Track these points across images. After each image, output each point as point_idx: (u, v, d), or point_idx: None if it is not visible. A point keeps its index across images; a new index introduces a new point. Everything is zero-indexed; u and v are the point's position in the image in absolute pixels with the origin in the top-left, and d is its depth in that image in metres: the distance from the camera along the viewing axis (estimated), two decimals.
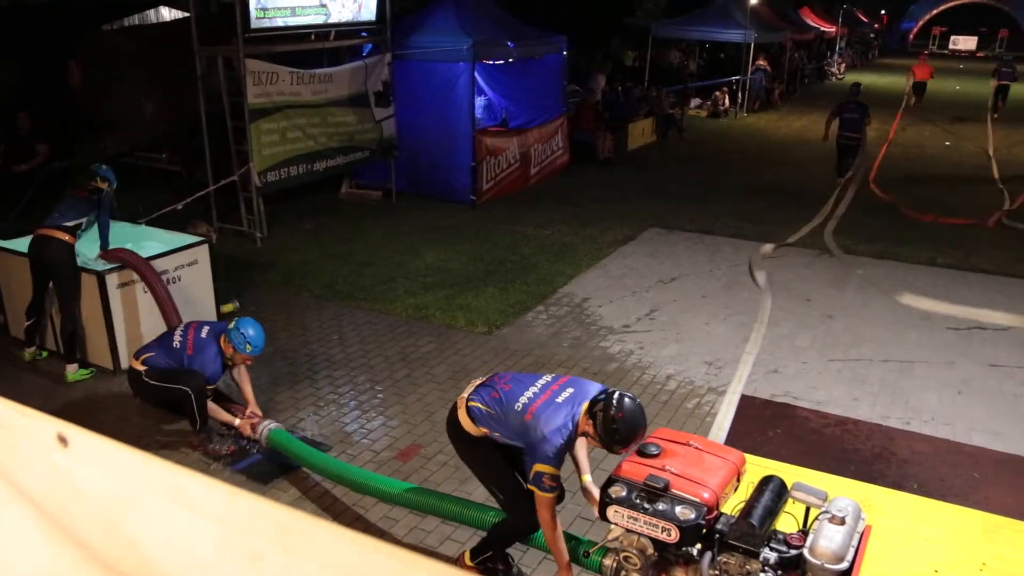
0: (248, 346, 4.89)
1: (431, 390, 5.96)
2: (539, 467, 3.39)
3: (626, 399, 3.36)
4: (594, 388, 3.55)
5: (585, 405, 3.43)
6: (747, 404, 5.86)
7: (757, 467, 4.13)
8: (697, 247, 9.56)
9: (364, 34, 10.61)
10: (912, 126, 20.29)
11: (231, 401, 5.31)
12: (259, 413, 5.13)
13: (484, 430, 3.64)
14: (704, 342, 6.91)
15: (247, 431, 4.98)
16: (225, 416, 5.02)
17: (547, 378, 3.66)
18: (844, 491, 4.12)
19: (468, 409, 3.66)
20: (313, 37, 9.76)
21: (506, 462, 3.73)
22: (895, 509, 4.65)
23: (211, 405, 4.97)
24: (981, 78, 33.65)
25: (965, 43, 55.88)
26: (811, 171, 14.46)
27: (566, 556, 3.59)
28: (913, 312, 7.73)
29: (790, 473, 4.22)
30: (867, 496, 4.66)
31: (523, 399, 3.52)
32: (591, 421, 3.37)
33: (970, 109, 24.19)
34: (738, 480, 3.38)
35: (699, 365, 6.46)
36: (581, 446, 3.85)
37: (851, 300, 7.99)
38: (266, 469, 4.93)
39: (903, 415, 5.80)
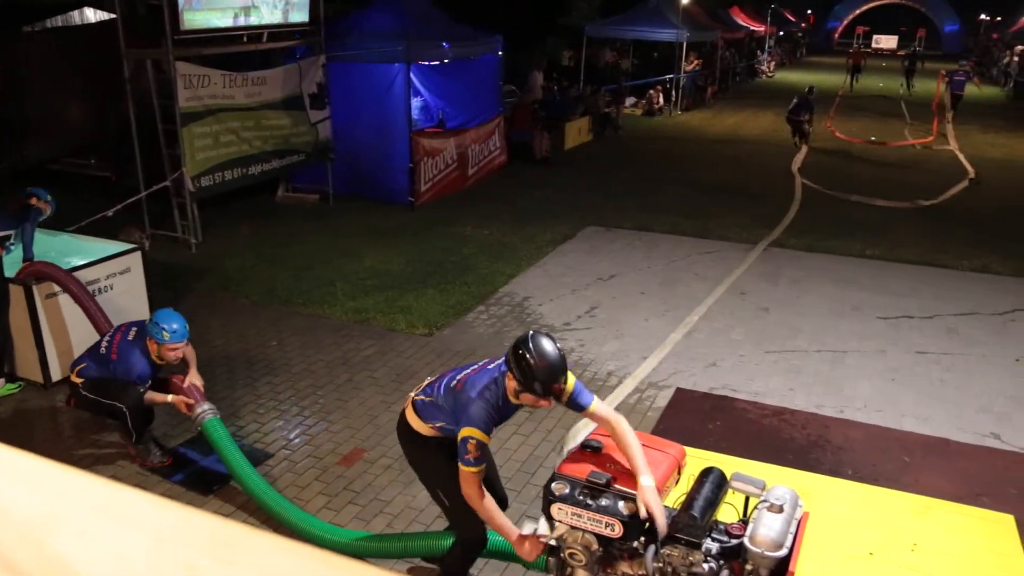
0: (164, 333, 4.63)
1: (373, 394, 5.92)
2: (465, 431, 3.24)
3: (538, 336, 3.22)
4: None
5: (508, 351, 3.32)
6: (687, 397, 5.95)
7: (698, 459, 4.20)
8: (634, 244, 9.68)
9: (297, 36, 10.47)
10: (840, 124, 20.83)
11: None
12: (198, 384, 4.89)
13: (433, 429, 3.52)
14: (644, 337, 6.99)
15: (182, 408, 4.78)
16: (159, 397, 4.81)
17: (486, 360, 3.60)
18: (782, 480, 4.22)
19: (414, 404, 3.58)
20: (245, 39, 9.60)
21: (454, 465, 3.59)
22: (831, 495, 4.77)
23: (148, 395, 4.79)
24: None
25: (887, 42, 57.67)
26: (745, 166, 14.76)
27: (513, 529, 3.43)
28: (845, 303, 7.95)
29: (730, 464, 4.30)
30: (804, 484, 4.78)
31: (459, 375, 3.45)
32: (510, 372, 3.26)
33: (893, 104, 24.97)
34: (679, 473, 3.43)
35: (639, 360, 6.54)
36: (629, 445, 3.26)
37: (784, 293, 8.18)
38: (207, 478, 4.83)
39: (837, 403, 5.96)
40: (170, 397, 4.80)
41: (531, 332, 3.26)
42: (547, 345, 3.22)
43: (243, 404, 5.71)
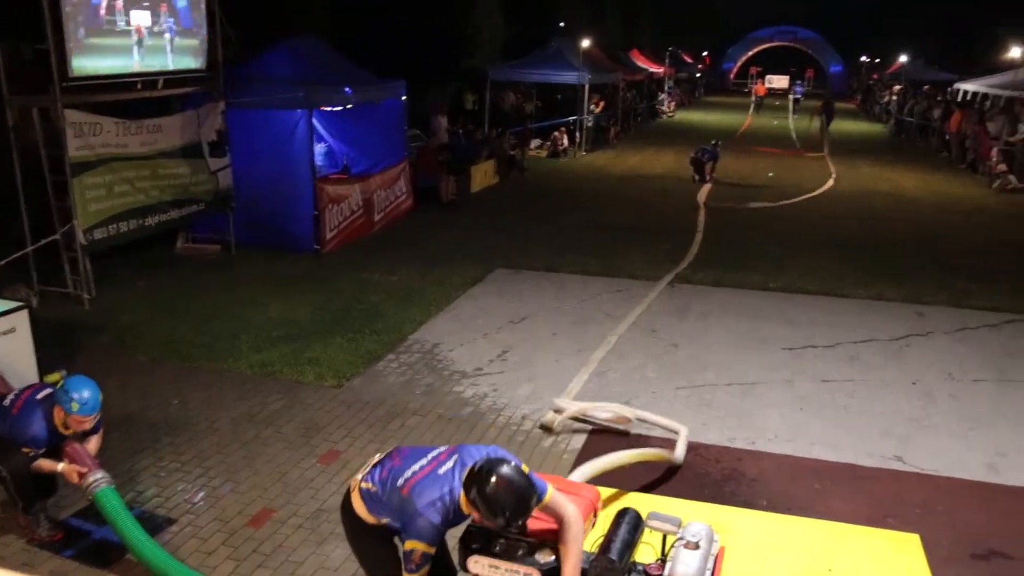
0: (73, 403, 4.32)
1: (281, 450, 5.74)
2: (409, 543, 3.12)
3: (500, 468, 3.05)
4: (478, 455, 3.25)
5: (465, 478, 3.16)
6: (601, 438, 5.98)
7: (614, 500, 4.22)
8: (544, 285, 9.76)
9: (195, 82, 10.27)
10: (738, 160, 21.63)
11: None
12: (92, 448, 4.57)
13: (378, 521, 3.33)
14: (557, 379, 7.03)
15: (73, 478, 4.42)
16: (48, 465, 4.47)
17: (439, 449, 3.39)
18: (698, 515, 4.27)
19: (360, 492, 3.37)
20: (140, 86, 9.36)
21: (398, 558, 3.38)
22: (747, 527, 4.86)
23: (36, 463, 4.46)
24: (801, 116, 36.44)
25: (779, 81, 60.40)
26: (649, 204, 15.14)
27: None
28: (751, 335, 8.18)
29: (646, 503, 4.34)
30: (720, 518, 4.85)
31: (407, 474, 3.25)
32: (472, 503, 3.07)
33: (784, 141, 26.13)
34: (595, 516, 3.43)
35: (553, 402, 6.55)
36: (568, 551, 3.15)
37: (693, 328, 8.36)
38: (102, 551, 4.56)
39: (749, 436, 6.10)
40: (60, 466, 4.47)
41: (492, 467, 3.06)
42: (510, 479, 3.02)
43: (143, 468, 5.45)
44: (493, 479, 3.01)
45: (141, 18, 9.17)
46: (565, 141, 21.96)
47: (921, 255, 11.93)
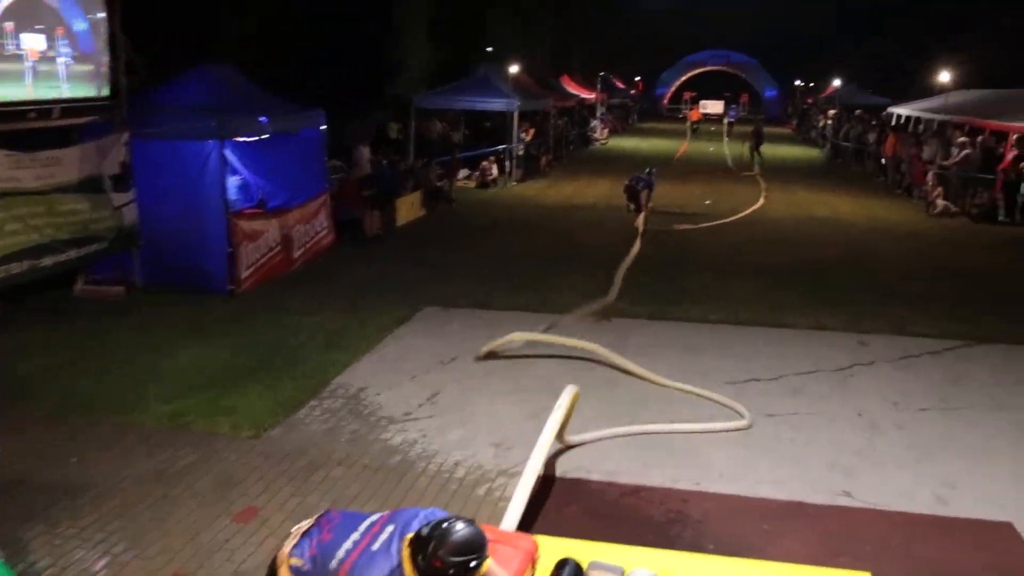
0: None
1: (193, 508, 5.55)
2: None
3: (453, 529, 3.00)
4: (415, 520, 3.16)
5: (406, 550, 3.06)
6: (539, 483, 5.94)
7: (553, 549, 4.17)
8: (474, 323, 9.73)
9: (95, 111, 10.02)
10: (676, 187, 22.08)
11: None
12: None
13: None
14: (490, 423, 6.98)
15: None
16: None
17: (372, 519, 3.29)
18: (642, 562, 4.26)
19: (291, 570, 3.24)
20: (33, 115, 9.08)
21: None
22: (694, 573, 4.85)
23: None
24: (733, 140, 37.45)
25: (713, 107, 61.99)
26: (583, 234, 15.30)
27: None
28: (691, 369, 8.27)
29: (587, 551, 4.30)
30: (665, 563, 4.83)
31: (340, 553, 3.14)
32: (421, 573, 2.99)
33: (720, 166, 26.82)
34: (533, 567, 3.39)
35: (487, 448, 6.50)
36: None
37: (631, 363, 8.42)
38: None
39: (693, 476, 6.13)
40: None
41: (444, 530, 3.00)
42: (457, 541, 2.98)
43: (35, 536, 5.20)
44: (441, 544, 2.96)
45: (34, 42, 8.94)
46: (495, 171, 22.10)
47: (860, 281, 12.30)
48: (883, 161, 25.23)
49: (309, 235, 12.67)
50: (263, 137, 11.55)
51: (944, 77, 23.50)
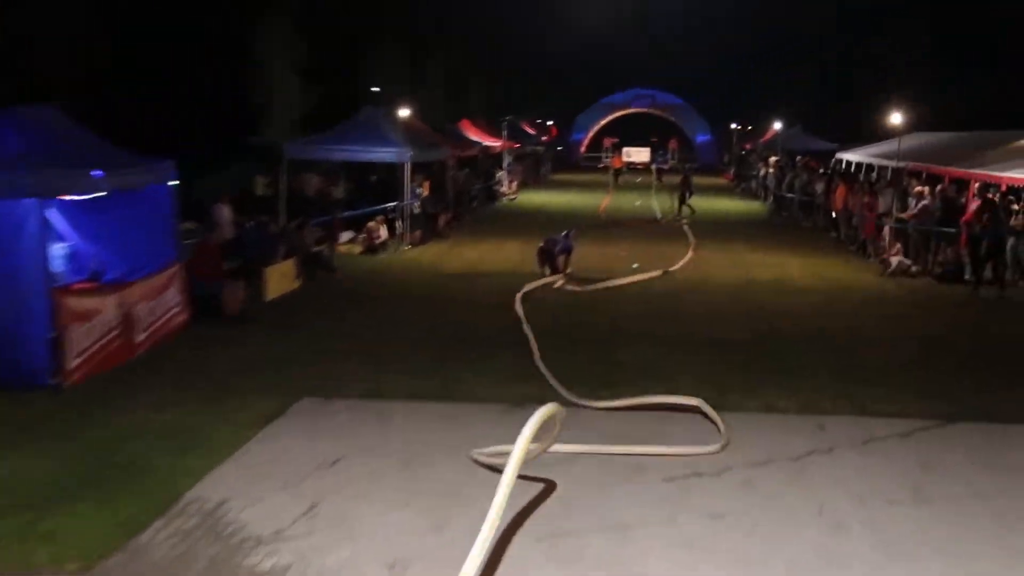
0: None
1: None
2: None
3: None
4: None
5: None
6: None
7: None
8: (363, 417, 9.59)
9: None
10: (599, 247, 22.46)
11: None
12: None
13: None
14: (383, 539, 6.82)
15: None
16: None
17: None
18: None
19: None
20: None
21: None
22: None
23: None
24: (663, 192, 38.45)
25: (638, 155, 63.82)
26: (491, 307, 15.34)
27: None
28: (623, 464, 8.28)
29: None
30: None
31: None
32: None
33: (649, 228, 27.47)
34: None
35: (379, 570, 6.34)
36: None
37: (552, 460, 8.37)
38: None
39: None
40: None
41: None
42: None
43: None
44: None
45: None
46: (384, 233, 22.11)
47: (814, 354, 12.64)
48: (834, 215, 26.27)
49: (156, 314, 12.38)
50: (97, 195, 11.29)
51: (896, 119, 24.66)
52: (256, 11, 27.17)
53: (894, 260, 19.76)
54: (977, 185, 20.86)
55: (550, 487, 7.82)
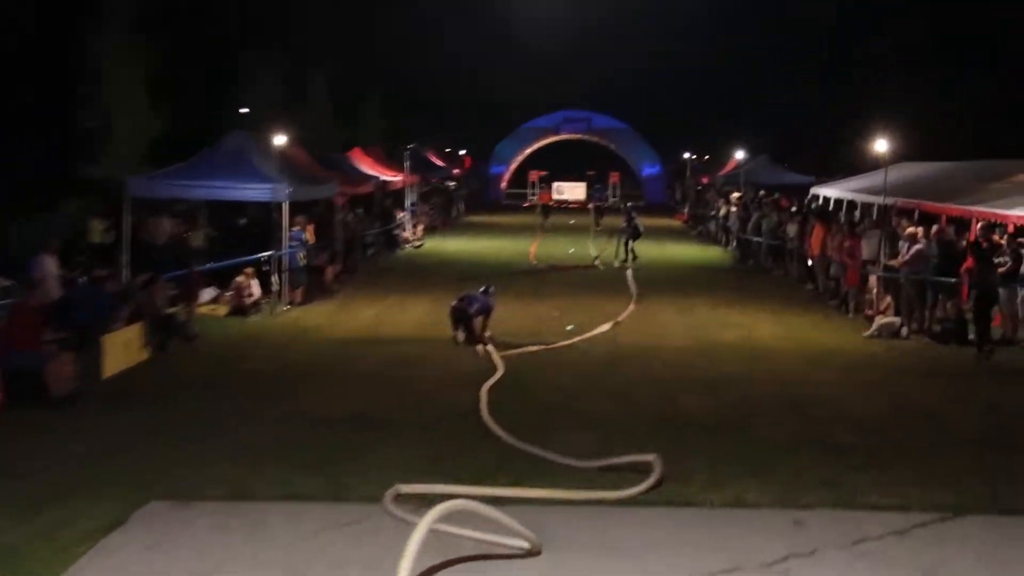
0: None
1: None
2: None
3: None
4: None
5: None
6: None
7: None
8: (230, 524, 9.40)
9: None
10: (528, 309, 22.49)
11: None
12: None
13: None
14: None
15: None
16: None
17: None
18: None
19: None
20: None
21: None
22: None
23: None
24: (603, 236, 38.76)
25: (572, 191, 64.36)
26: (394, 381, 15.23)
27: None
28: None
29: None
30: None
31: None
32: None
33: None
34: None
35: None
36: None
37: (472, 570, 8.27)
38: None
39: None
40: None
41: None
42: None
43: None
44: None
45: None
46: (256, 289, 21.86)
47: (790, 433, 12.71)
48: (809, 262, 26.60)
49: None
50: None
51: (880, 147, 24.98)
52: (89, 9, 26.64)
53: (878, 320, 20.00)
54: (980, 225, 21.32)
55: None
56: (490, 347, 17.56)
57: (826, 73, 58.52)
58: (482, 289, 19.20)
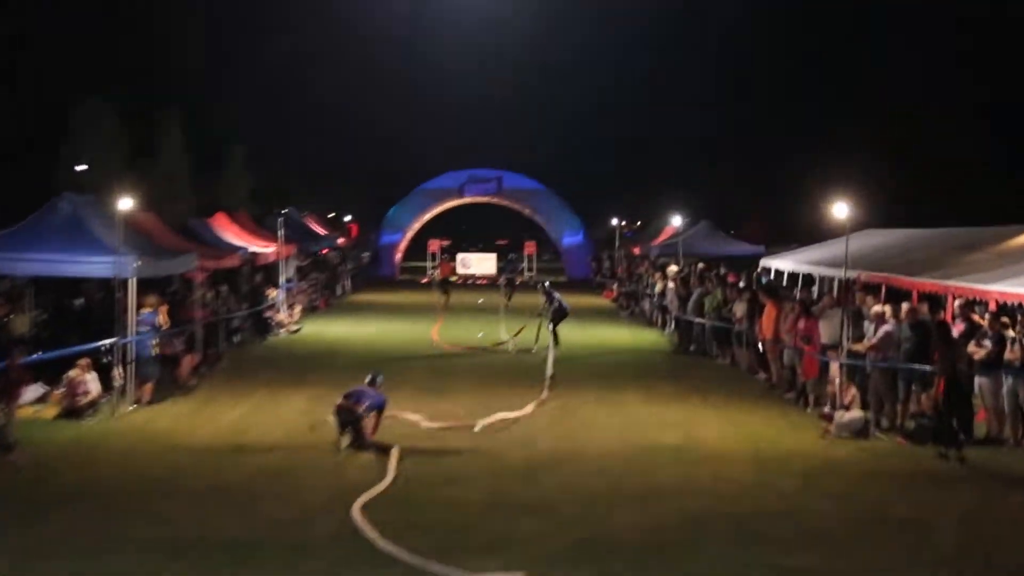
0: None
1: None
2: None
3: None
4: None
5: None
6: None
7: None
8: None
9: None
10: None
11: None
12: None
13: None
14: None
15: None
16: None
17: None
18: None
19: None
20: None
21: None
22: None
23: None
24: (518, 316, 38.76)
25: (480, 264, 64.48)
26: (266, 499, 14.94)
27: None
28: None
29: None
30: None
31: None
32: None
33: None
34: None
35: None
36: None
37: None
38: None
39: None
40: None
41: None
42: None
43: None
44: None
45: None
46: (93, 386, 21.43)
47: (740, 555, 12.66)
48: (760, 347, 26.68)
49: None
50: None
51: (840, 212, 24.94)
52: None
53: (839, 416, 19.97)
54: (958, 302, 21.54)
55: None
56: (393, 451, 17.36)
57: (774, 127, 59.86)
58: (368, 379, 18.97)
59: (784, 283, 32.65)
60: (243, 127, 53.74)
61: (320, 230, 55.43)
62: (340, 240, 59.81)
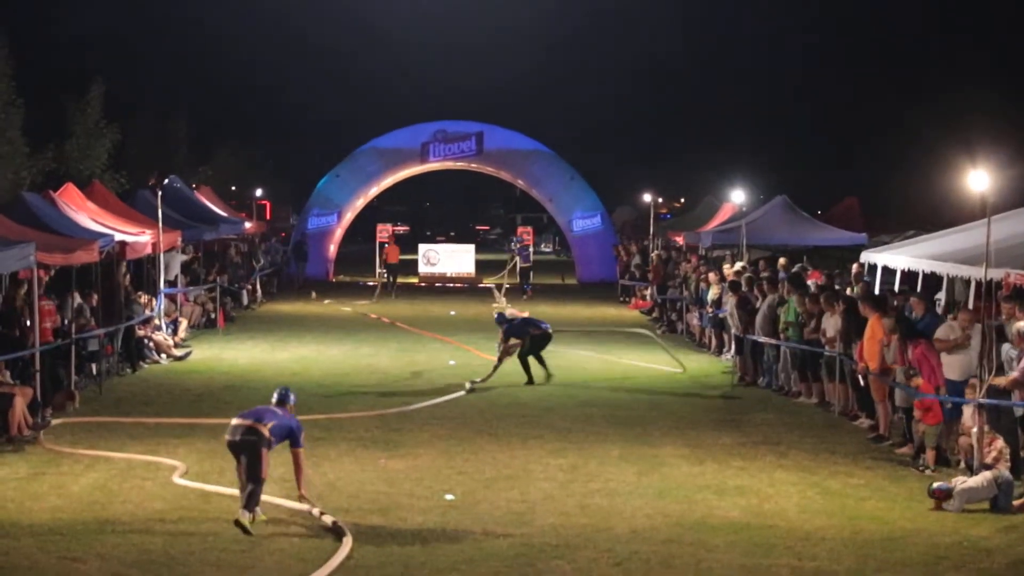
0: None
1: None
2: None
3: None
4: None
5: None
6: None
7: None
8: None
9: None
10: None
11: None
12: None
13: None
14: None
15: None
16: None
17: None
18: None
19: None
20: None
21: None
22: None
23: None
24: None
25: (453, 258, 64.91)
26: None
27: None
28: None
29: None
30: None
31: None
32: None
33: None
34: None
35: None
36: None
37: None
38: None
39: None
40: None
41: None
42: None
43: None
44: None
45: None
46: None
47: None
48: (861, 380, 26.17)
49: None
50: None
51: (979, 183, 24.65)
52: None
53: (958, 484, 19.38)
54: None
55: None
56: (326, 515, 17.22)
57: (877, 63, 59.92)
58: (276, 397, 18.35)
59: (896, 287, 32.26)
60: (100, 58, 53.55)
61: (218, 210, 55.21)
62: (248, 225, 59.64)
